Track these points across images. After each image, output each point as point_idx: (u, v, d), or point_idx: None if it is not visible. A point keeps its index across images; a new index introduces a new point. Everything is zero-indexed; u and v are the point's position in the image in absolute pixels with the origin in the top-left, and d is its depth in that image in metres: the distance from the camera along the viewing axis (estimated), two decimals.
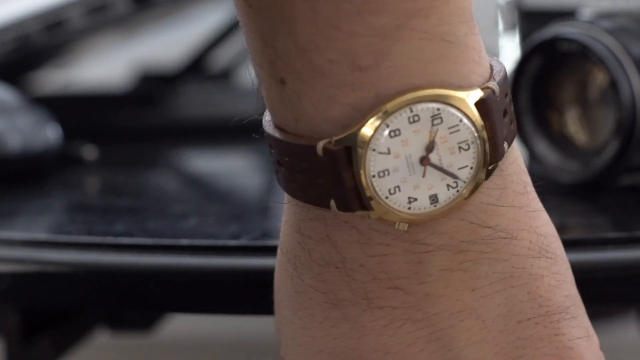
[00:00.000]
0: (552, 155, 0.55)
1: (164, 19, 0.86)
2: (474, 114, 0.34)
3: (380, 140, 0.34)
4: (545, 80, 0.55)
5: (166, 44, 0.91)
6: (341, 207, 0.34)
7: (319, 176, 0.34)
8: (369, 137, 0.33)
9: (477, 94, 0.34)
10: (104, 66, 0.95)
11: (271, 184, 0.37)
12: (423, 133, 0.34)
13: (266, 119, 0.36)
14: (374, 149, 0.34)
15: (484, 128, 0.34)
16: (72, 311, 0.57)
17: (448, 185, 0.34)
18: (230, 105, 0.78)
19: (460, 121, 0.34)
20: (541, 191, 0.37)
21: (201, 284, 0.46)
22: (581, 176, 0.53)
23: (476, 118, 0.34)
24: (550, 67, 0.54)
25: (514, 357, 0.36)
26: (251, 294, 0.44)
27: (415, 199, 0.34)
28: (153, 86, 0.82)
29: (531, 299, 0.36)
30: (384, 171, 0.34)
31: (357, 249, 0.35)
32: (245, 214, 0.56)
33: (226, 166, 0.76)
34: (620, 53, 0.51)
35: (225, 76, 0.84)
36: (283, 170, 0.36)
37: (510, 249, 0.35)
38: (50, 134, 0.66)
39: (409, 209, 0.34)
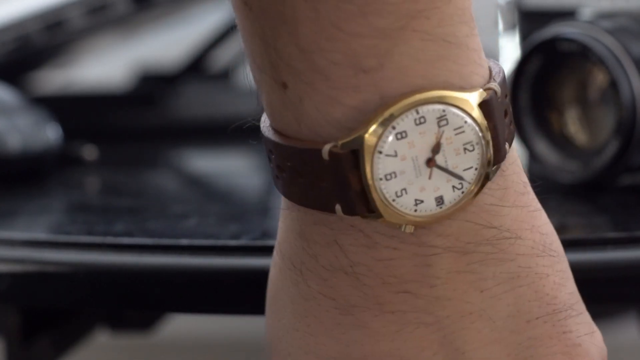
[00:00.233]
0: (552, 155, 0.55)
1: (164, 19, 0.86)
2: (479, 115, 0.34)
3: (387, 143, 0.33)
4: (545, 80, 0.55)
5: (166, 44, 0.91)
6: (347, 211, 0.34)
7: (323, 180, 0.34)
8: (375, 139, 0.33)
9: (480, 95, 0.34)
10: (104, 66, 0.95)
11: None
12: (429, 135, 0.34)
13: (265, 124, 0.36)
14: (380, 152, 0.33)
15: (487, 129, 0.34)
16: (72, 311, 0.57)
17: (453, 187, 0.34)
18: (230, 105, 0.78)
19: (465, 122, 0.34)
20: (541, 191, 0.37)
21: (201, 284, 0.46)
22: (581, 176, 0.53)
23: (481, 119, 0.34)
24: (550, 67, 0.54)
25: (525, 357, 0.36)
26: (251, 294, 0.44)
27: (422, 201, 0.34)
28: (153, 86, 0.82)
29: (538, 297, 0.36)
30: (390, 174, 0.34)
31: (364, 252, 0.35)
32: (245, 214, 0.56)
33: (226, 166, 0.76)
34: (620, 53, 0.51)
35: (225, 76, 0.84)
36: (284, 175, 0.35)
37: (515, 249, 0.36)
38: (50, 134, 0.65)
39: (415, 211, 0.34)
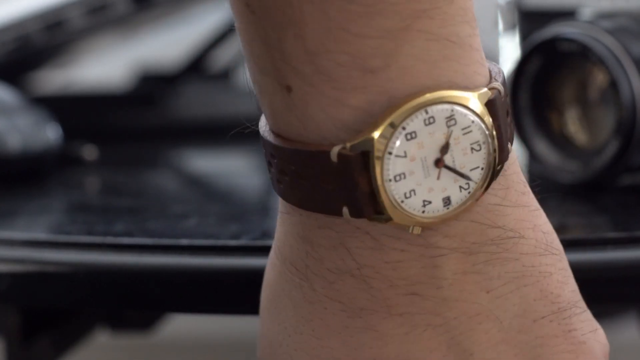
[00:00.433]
0: (552, 155, 0.55)
1: (164, 19, 0.86)
2: (485, 114, 0.34)
3: (397, 144, 0.33)
4: (545, 80, 0.55)
5: (166, 44, 0.91)
6: (354, 214, 0.34)
7: (328, 182, 0.34)
8: (386, 140, 0.33)
9: (486, 94, 0.34)
10: (104, 66, 0.95)
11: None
12: (438, 135, 0.34)
13: (264, 128, 0.36)
14: (390, 153, 0.33)
15: (493, 128, 0.34)
16: (72, 311, 0.57)
17: (460, 187, 0.34)
18: (230, 105, 0.78)
19: (473, 122, 0.34)
20: (541, 191, 0.37)
21: (201, 284, 0.46)
22: (581, 176, 0.53)
23: (487, 119, 0.34)
24: (550, 67, 0.54)
25: (532, 357, 0.36)
26: (251, 294, 0.44)
27: (430, 202, 0.34)
28: (153, 86, 0.82)
29: (543, 296, 0.36)
30: (400, 175, 0.33)
31: (371, 255, 0.35)
32: (245, 214, 0.56)
33: (226, 166, 0.76)
34: (620, 53, 0.51)
35: (225, 76, 0.84)
36: (287, 179, 0.35)
37: (519, 248, 0.36)
38: (50, 134, 0.65)
39: (423, 212, 0.34)
